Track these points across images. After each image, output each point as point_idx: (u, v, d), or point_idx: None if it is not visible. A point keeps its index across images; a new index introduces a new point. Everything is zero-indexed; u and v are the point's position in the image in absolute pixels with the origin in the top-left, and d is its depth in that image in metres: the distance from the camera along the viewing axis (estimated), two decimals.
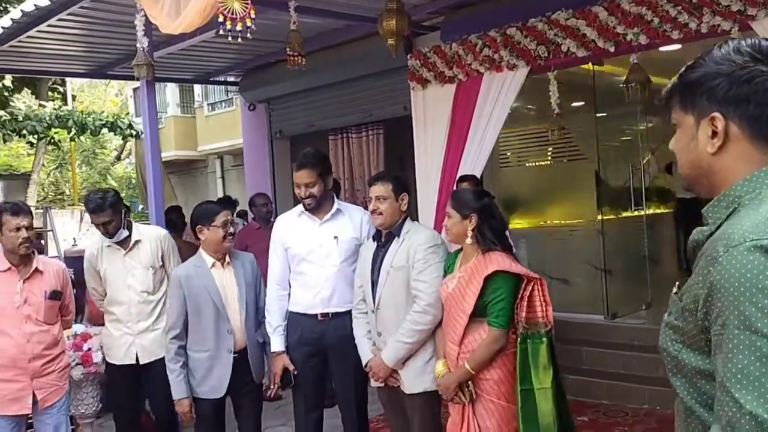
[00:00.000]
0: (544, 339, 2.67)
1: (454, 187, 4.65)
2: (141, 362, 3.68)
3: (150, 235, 3.81)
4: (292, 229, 3.39)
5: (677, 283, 1.29)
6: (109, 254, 3.73)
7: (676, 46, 4.85)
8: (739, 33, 3.59)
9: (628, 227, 6.32)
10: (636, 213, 6.36)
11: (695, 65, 1.21)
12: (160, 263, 3.77)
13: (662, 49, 4.86)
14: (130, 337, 3.68)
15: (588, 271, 5.89)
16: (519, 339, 2.68)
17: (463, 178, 4.63)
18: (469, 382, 2.70)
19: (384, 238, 3.11)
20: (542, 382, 2.63)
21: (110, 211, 3.58)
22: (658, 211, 7.47)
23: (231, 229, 3.31)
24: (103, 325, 3.85)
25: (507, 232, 3.08)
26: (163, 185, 4.99)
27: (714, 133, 1.18)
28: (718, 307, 1.06)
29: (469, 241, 2.78)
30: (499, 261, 2.69)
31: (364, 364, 3.14)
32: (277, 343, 3.32)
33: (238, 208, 8.04)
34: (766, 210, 1.09)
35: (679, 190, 7.17)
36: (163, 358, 3.56)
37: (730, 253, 1.06)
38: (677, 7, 3.81)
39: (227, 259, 3.36)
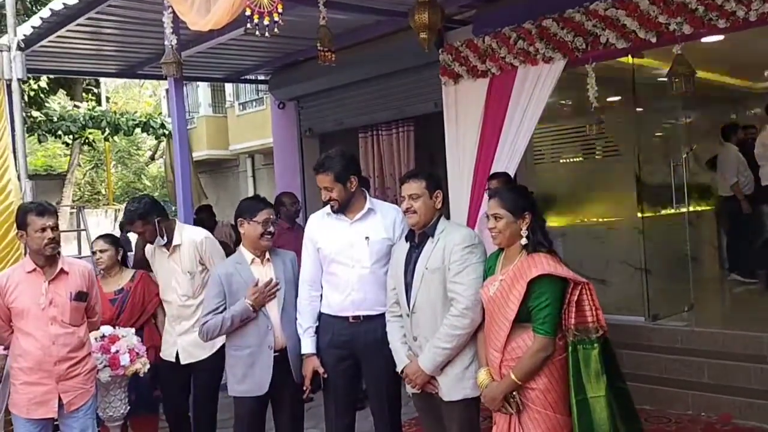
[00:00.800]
0: (596, 345, 2.52)
1: (487, 186, 4.52)
2: (182, 362, 3.82)
3: (188, 239, 3.85)
4: (322, 228, 3.30)
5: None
6: (159, 255, 3.94)
7: (720, 37, 4.65)
8: None
9: (669, 225, 6.10)
10: (677, 211, 6.14)
11: None
12: (200, 267, 3.83)
13: (704, 40, 4.66)
14: (173, 336, 3.87)
15: (627, 271, 5.70)
16: (570, 347, 2.54)
17: (494, 176, 4.49)
18: (515, 393, 2.58)
19: (418, 238, 2.99)
20: (596, 390, 2.49)
21: (140, 223, 3.77)
22: (699, 208, 7.22)
23: (270, 228, 3.30)
24: None
25: None
26: (191, 184, 4.95)
27: None
28: None
29: (524, 241, 2.65)
30: (544, 264, 2.55)
31: (399, 371, 3.03)
32: (307, 345, 3.24)
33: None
34: None
35: (722, 187, 6.94)
36: (205, 360, 3.75)
37: None
38: None
39: (267, 255, 3.36)
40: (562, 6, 4.36)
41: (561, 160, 6.37)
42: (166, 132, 11.08)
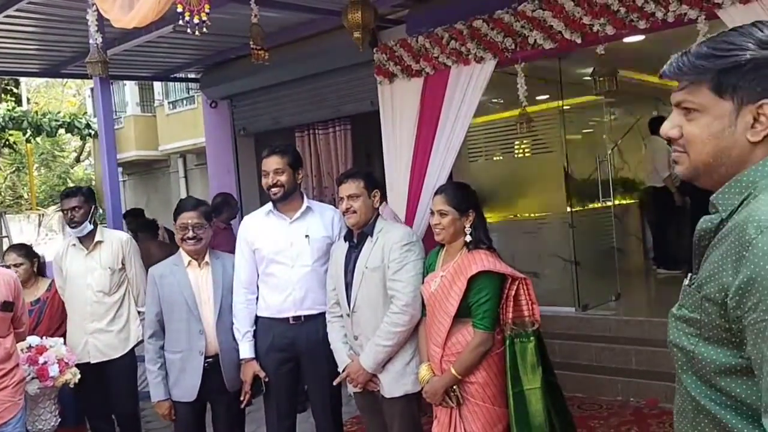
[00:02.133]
0: (532, 338, 2.61)
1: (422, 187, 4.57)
2: (92, 362, 3.76)
3: (112, 237, 3.90)
4: (260, 228, 3.27)
5: (689, 274, 1.22)
6: (73, 253, 3.87)
7: (640, 37, 4.85)
8: (705, 22, 3.58)
9: (596, 219, 6.34)
10: (603, 204, 6.39)
11: (734, 47, 1.12)
12: (120, 266, 3.85)
13: (626, 40, 4.86)
14: (84, 335, 3.78)
15: (558, 264, 5.89)
16: (507, 340, 2.61)
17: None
18: (456, 387, 2.63)
19: (357, 237, 3.01)
20: (532, 382, 2.57)
21: (82, 198, 3.77)
22: (624, 202, 7.53)
23: (189, 233, 3.21)
24: None
25: None
26: (119, 186, 4.82)
27: (755, 121, 1.12)
28: (760, 291, 1.00)
29: (468, 238, 2.70)
30: (484, 260, 2.62)
31: (341, 370, 3.04)
32: (245, 350, 3.21)
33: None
34: None
35: (651, 179, 7.19)
36: (118, 359, 3.78)
37: (765, 233, 1.01)
38: None
39: (206, 258, 3.29)
40: (491, 7, 4.45)
41: (494, 158, 6.52)
42: (92, 132, 10.70)
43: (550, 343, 5.37)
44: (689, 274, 1.22)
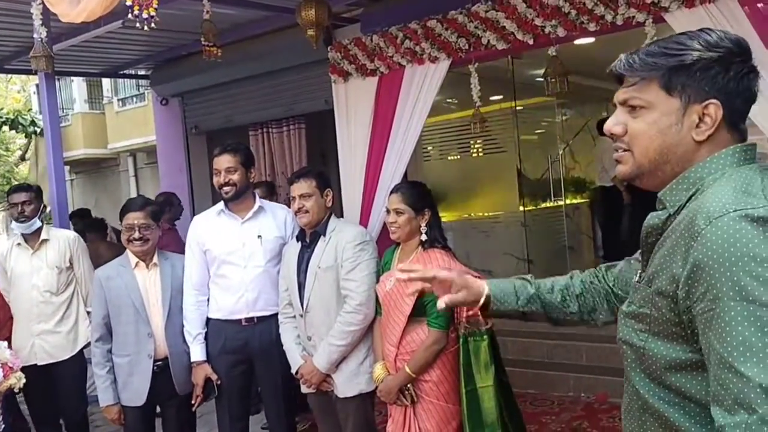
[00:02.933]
0: (485, 337, 2.63)
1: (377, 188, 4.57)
2: (39, 363, 3.66)
3: (59, 236, 3.81)
4: (211, 228, 3.21)
5: (638, 271, 1.24)
6: (18, 253, 3.76)
7: (590, 40, 4.95)
8: (653, 25, 3.67)
9: (548, 217, 6.46)
10: (555, 203, 6.51)
11: (684, 47, 1.16)
12: (67, 264, 3.76)
13: (577, 42, 4.95)
14: (30, 337, 3.68)
15: (511, 262, 5.97)
16: (461, 339, 2.62)
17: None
18: (410, 385, 2.63)
19: (309, 237, 2.98)
20: (485, 380, 2.59)
21: (32, 194, 3.70)
22: (575, 201, 7.68)
23: (136, 234, 3.14)
24: None
25: None
26: (65, 185, 4.69)
27: (700, 120, 1.15)
28: (707, 281, 1.02)
29: (423, 237, 2.70)
30: (439, 260, 2.63)
31: (294, 371, 3.01)
32: (197, 352, 3.15)
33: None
34: (740, 184, 1.09)
35: (601, 178, 7.35)
36: (67, 360, 3.69)
37: (714, 224, 1.03)
38: None
39: (154, 259, 3.21)
40: (445, 7, 4.47)
41: (449, 157, 6.57)
42: (38, 129, 10.37)
43: (504, 341, 5.44)
44: (638, 272, 1.23)
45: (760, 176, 1.12)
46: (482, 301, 1.57)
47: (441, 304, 1.55)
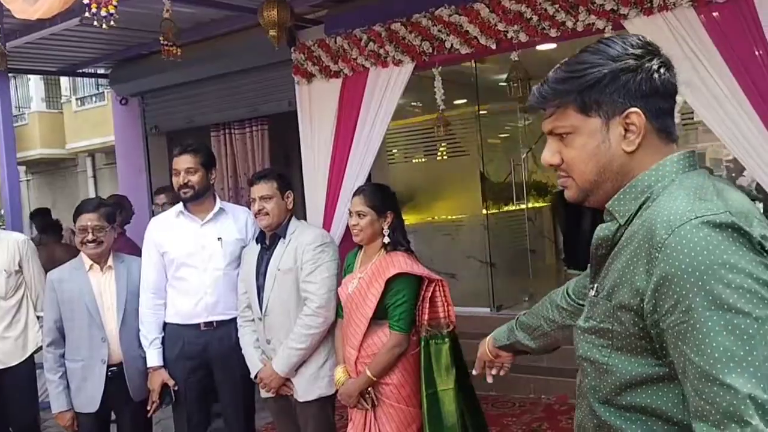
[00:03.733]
0: (447, 340, 2.63)
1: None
2: None
3: (8, 238, 3.65)
4: (169, 231, 3.15)
5: (594, 285, 1.22)
6: None
7: (552, 45, 5.02)
8: (612, 31, 3.73)
9: (511, 221, 6.51)
10: (518, 207, 6.57)
11: (587, 66, 1.15)
12: (17, 268, 3.62)
13: (539, 47, 5.01)
14: None
15: (474, 265, 6.00)
16: (422, 342, 2.61)
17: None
18: (370, 388, 2.61)
19: (269, 239, 2.95)
20: (446, 383, 2.59)
21: None
22: (538, 205, 7.77)
23: (89, 236, 3.05)
24: None
25: None
26: (19, 186, 4.55)
27: (626, 131, 1.14)
28: (677, 292, 0.99)
29: (386, 240, 2.69)
30: (401, 262, 2.62)
31: (253, 375, 2.97)
32: (153, 358, 3.07)
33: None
34: (693, 190, 1.08)
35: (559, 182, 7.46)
36: (16, 367, 3.54)
37: (676, 233, 1.00)
38: (555, 5, 3.90)
39: (108, 262, 3.13)
40: (410, 10, 4.49)
41: (413, 160, 6.58)
42: None
43: (466, 343, 5.45)
44: (594, 285, 1.20)
45: (711, 182, 1.11)
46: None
47: (490, 378, 1.90)
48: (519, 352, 1.88)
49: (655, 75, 1.13)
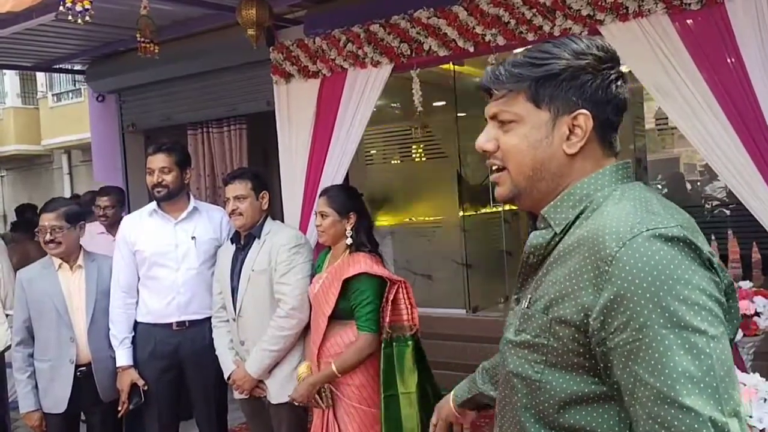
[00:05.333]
0: (410, 342, 2.63)
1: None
2: None
3: None
4: (142, 229, 3.12)
5: (517, 296, 1.16)
6: None
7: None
8: (588, 36, 3.77)
9: (487, 223, 6.54)
10: (494, 209, 6.60)
11: (550, 56, 1.10)
12: None
13: (517, 51, 5.05)
14: None
15: (451, 267, 6.02)
16: (384, 344, 2.61)
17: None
18: (327, 387, 2.61)
19: (243, 239, 2.93)
20: (407, 386, 2.59)
21: None
22: (514, 207, 7.81)
23: (48, 236, 3.01)
24: None
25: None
26: None
27: (571, 132, 1.10)
28: (630, 309, 0.93)
29: (349, 241, 2.69)
30: (361, 263, 2.62)
31: (226, 377, 2.95)
32: (122, 357, 3.04)
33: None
34: (639, 202, 1.03)
35: None
36: None
37: (627, 246, 0.95)
38: (532, 9, 3.93)
39: (78, 261, 3.09)
40: (388, 12, 4.49)
41: (391, 162, 6.59)
42: None
43: (441, 345, 5.50)
44: (526, 296, 1.13)
45: (653, 194, 1.08)
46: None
47: None
48: (482, 407, 1.76)
49: (613, 85, 1.11)
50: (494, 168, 1.18)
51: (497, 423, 1.17)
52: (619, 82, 1.12)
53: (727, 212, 5.69)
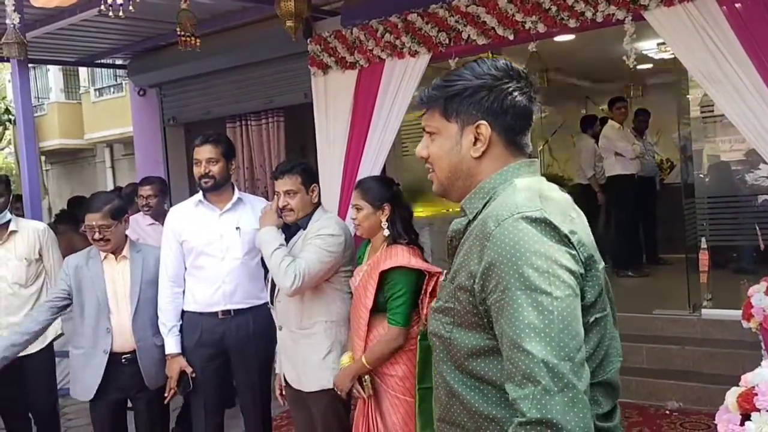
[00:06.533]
0: None
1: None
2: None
3: (28, 227, 3.69)
4: (188, 219, 3.16)
5: (445, 271, 1.41)
6: None
7: (570, 36, 4.97)
8: (632, 23, 3.69)
9: None
10: None
11: (456, 78, 1.34)
12: (37, 256, 3.66)
13: (557, 39, 4.97)
14: None
15: None
16: (419, 335, 2.59)
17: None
18: (367, 377, 2.61)
19: (292, 228, 2.93)
20: None
21: (2, 186, 3.55)
22: None
23: (96, 235, 3.05)
24: None
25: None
26: (39, 174, 4.60)
27: (476, 139, 1.33)
28: (498, 275, 1.17)
29: (386, 233, 2.67)
30: (399, 256, 2.60)
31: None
32: (171, 345, 3.09)
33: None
34: (521, 192, 1.27)
35: (579, 176, 7.37)
36: (36, 353, 3.52)
37: (501, 226, 1.19)
38: None
39: (123, 252, 3.15)
40: (426, 1, 4.46)
41: None
42: (12, 118, 10.18)
43: None
44: (445, 271, 1.39)
45: (539, 185, 1.31)
46: None
47: None
48: None
49: (509, 97, 1.32)
50: (429, 170, 1.44)
51: (433, 374, 1.41)
52: (515, 94, 1.32)
53: None
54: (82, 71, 15.83)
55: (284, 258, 2.70)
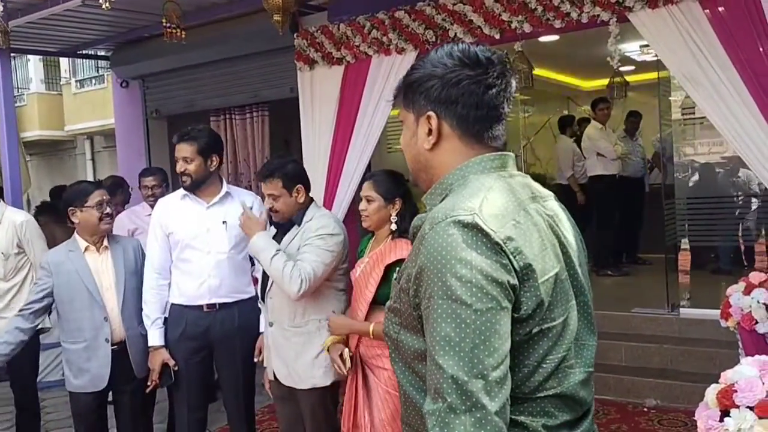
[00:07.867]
0: None
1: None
2: None
3: (7, 219, 3.64)
4: (175, 212, 3.14)
5: (398, 269, 1.32)
6: None
7: (555, 37, 5.01)
8: (617, 24, 3.73)
9: None
10: None
11: (417, 66, 1.28)
12: (16, 249, 3.63)
13: (542, 39, 5.01)
14: None
15: None
16: None
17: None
18: (347, 351, 2.61)
19: (285, 224, 2.93)
20: None
21: None
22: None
23: (107, 210, 3.08)
24: None
25: None
26: (20, 166, 4.55)
27: (430, 131, 1.26)
28: (426, 281, 1.11)
29: (393, 227, 2.68)
30: (404, 249, 2.61)
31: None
32: (155, 337, 3.08)
33: None
34: (468, 191, 1.18)
35: (559, 176, 7.44)
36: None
37: (434, 229, 1.12)
38: None
39: (105, 243, 3.14)
40: None
41: None
42: None
43: None
44: (398, 269, 1.32)
45: (491, 183, 1.20)
46: None
47: None
48: None
49: (458, 86, 1.22)
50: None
51: None
52: (465, 82, 1.22)
53: (757, 203, 5.62)
54: (63, 62, 15.61)
55: (286, 263, 2.70)
